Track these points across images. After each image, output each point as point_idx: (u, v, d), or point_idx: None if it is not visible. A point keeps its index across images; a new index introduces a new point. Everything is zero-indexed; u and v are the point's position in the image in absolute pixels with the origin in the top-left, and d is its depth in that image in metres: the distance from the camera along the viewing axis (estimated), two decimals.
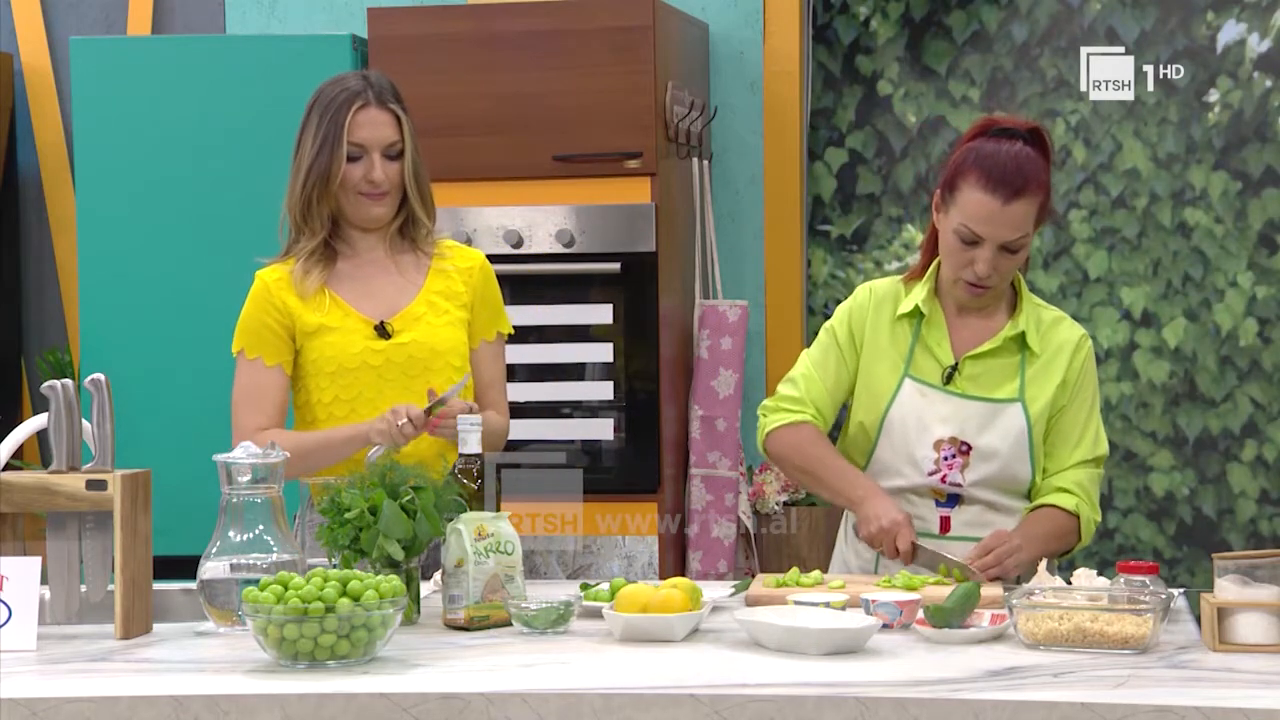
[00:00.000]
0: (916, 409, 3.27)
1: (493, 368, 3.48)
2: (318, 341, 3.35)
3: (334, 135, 3.31)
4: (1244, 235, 5.18)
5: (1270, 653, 2.59)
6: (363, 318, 3.36)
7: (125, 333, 4.80)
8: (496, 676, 2.49)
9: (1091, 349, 3.34)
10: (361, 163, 3.32)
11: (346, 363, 3.33)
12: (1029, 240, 3.20)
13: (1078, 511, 3.25)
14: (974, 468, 3.25)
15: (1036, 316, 3.32)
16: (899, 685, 2.40)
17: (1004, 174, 3.15)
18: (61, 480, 2.82)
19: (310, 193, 3.34)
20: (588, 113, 4.66)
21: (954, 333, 3.31)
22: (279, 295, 3.37)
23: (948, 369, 3.28)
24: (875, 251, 5.31)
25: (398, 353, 3.34)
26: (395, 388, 3.33)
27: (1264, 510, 5.20)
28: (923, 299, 3.31)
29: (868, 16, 5.31)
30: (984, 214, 3.16)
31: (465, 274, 3.43)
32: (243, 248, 4.77)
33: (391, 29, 4.74)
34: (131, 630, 2.79)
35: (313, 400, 3.37)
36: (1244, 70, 5.16)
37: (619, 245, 4.67)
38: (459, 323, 3.41)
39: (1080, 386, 3.30)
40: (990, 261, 3.19)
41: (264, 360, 3.36)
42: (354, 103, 3.32)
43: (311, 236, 3.37)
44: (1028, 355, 3.29)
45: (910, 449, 3.27)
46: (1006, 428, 3.25)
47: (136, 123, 4.83)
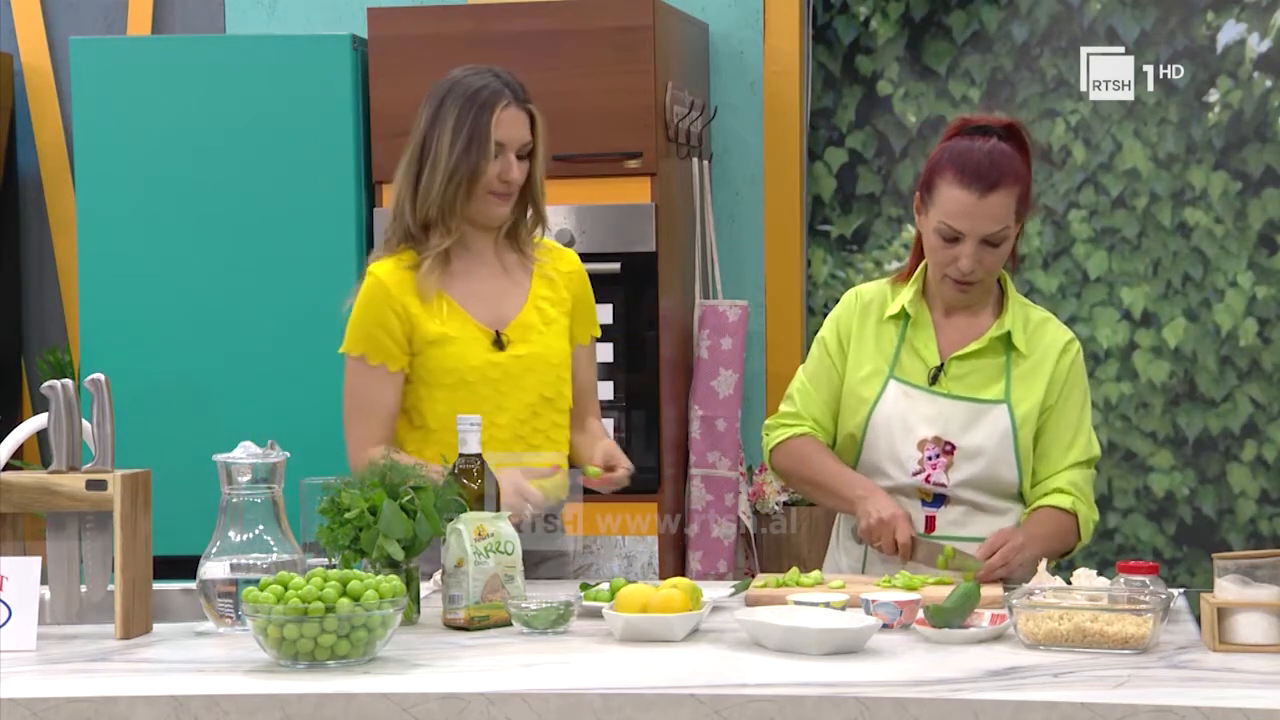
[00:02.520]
0: (901, 410, 3.27)
1: (588, 372, 3.48)
2: (438, 351, 3.30)
3: (481, 133, 3.25)
4: (1244, 235, 5.18)
5: (1270, 653, 2.59)
6: (480, 327, 3.32)
7: (125, 333, 4.80)
8: (496, 676, 2.49)
9: (1080, 352, 3.33)
10: (499, 161, 3.29)
11: (467, 375, 3.30)
12: (1010, 233, 3.21)
13: (1075, 510, 3.25)
14: (958, 468, 3.25)
15: (1024, 317, 3.32)
16: (899, 685, 2.40)
17: (978, 168, 3.16)
18: (61, 480, 2.82)
19: (455, 191, 3.27)
20: (588, 113, 4.66)
21: (941, 334, 3.32)
22: (400, 298, 3.30)
23: (933, 369, 3.28)
24: (875, 251, 5.31)
25: (515, 365, 3.32)
26: (510, 400, 3.31)
27: (1264, 510, 5.20)
28: (909, 300, 3.31)
29: (868, 16, 5.31)
30: (962, 209, 3.17)
31: (566, 278, 3.42)
32: (243, 247, 4.81)
33: (391, 29, 4.75)
34: (131, 630, 2.79)
35: (423, 408, 3.32)
36: (1244, 70, 5.16)
37: (619, 245, 4.67)
38: (564, 331, 3.40)
39: (1068, 389, 3.29)
40: (973, 256, 3.19)
41: (387, 367, 3.29)
42: (499, 101, 3.27)
43: (445, 235, 3.29)
44: (1014, 356, 3.28)
45: (895, 449, 3.27)
46: (991, 428, 3.25)
47: (136, 123, 4.83)
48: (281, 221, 4.75)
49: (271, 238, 4.76)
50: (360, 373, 3.31)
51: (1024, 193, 3.21)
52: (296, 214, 4.75)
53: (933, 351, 3.30)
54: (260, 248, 4.76)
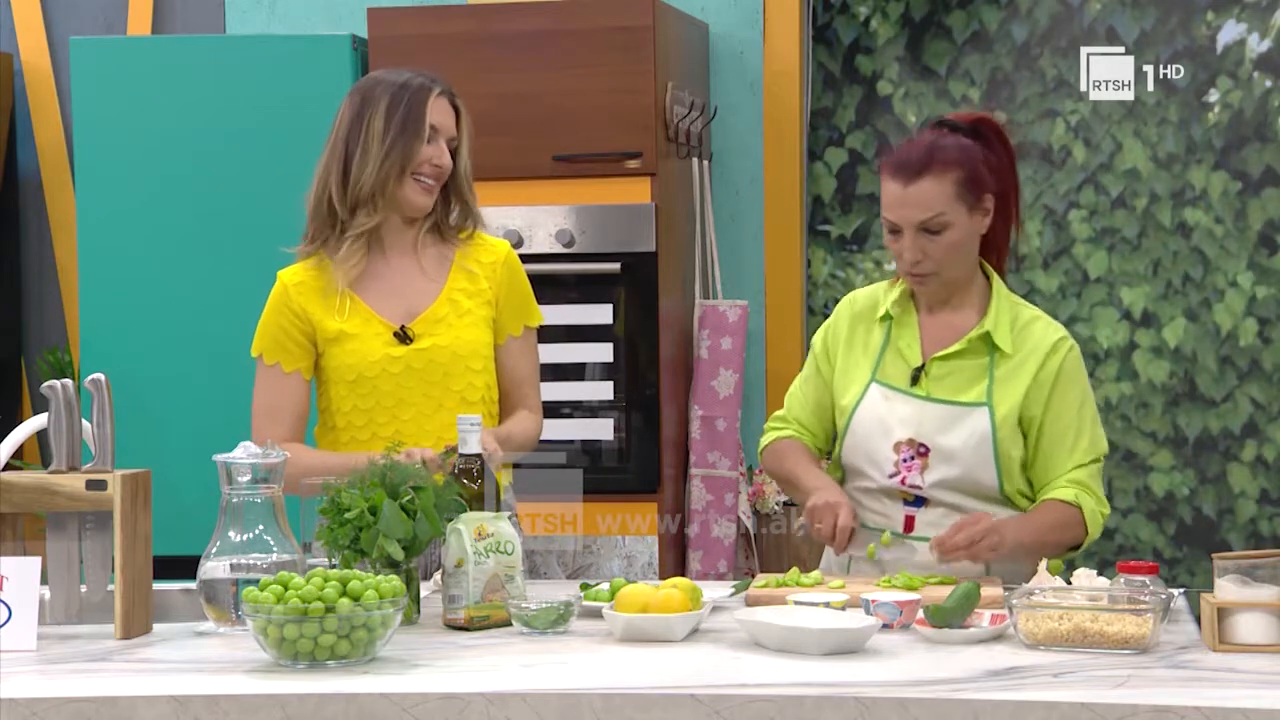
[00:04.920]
0: (879, 412, 3.27)
1: (521, 363, 3.45)
2: (337, 349, 3.34)
3: (416, 115, 3.31)
4: (1244, 235, 5.18)
5: (1270, 653, 2.59)
6: (384, 322, 3.34)
7: (125, 333, 4.81)
8: (496, 676, 2.49)
9: (1073, 351, 3.28)
10: (431, 145, 3.34)
11: (366, 371, 3.32)
12: (951, 220, 3.18)
13: (1078, 502, 3.22)
14: (934, 469, 3.23)
15: (1013, 315, 3.28)
16: (899, 685, 2.40)
17: (907, 159, 3.19)
18: (61, 480, 2.82)
19: (389, 172, 3.31)
20: (588, 113, 4.66)
21: (925, 333, 3.31)
22: (298, 300, 3.36)
23: (915, 370, 3.28)
24: (875, 251, 5.31)
25: (418, 359, 3.33)
26: (415, 395, 3.32)
27: (1264, 510, 5.20)
28: (894, 301, 3.32)
29: (868, 16, 5.31)
30: (892, 199, 3.20)
31: (489, 269, 3.42)
32: (243, 247, 4.81)
33: (391, 29, 4.75)
34: (131, 630, 2.79)
35: (333, 408, 3.36)
36: (1244, 70, 5.16)
37: (619, 245, 4.67)
38: (482, 322, 3.39)
39: (1061, 389, 3.25)
40: (914, 246, 3.19)
41: (282, 366, 3.36)
42: (431, 89, 3.34)
43: (370, 214, 3.34)
44: (998, 356, 3.26)
45: (872, 451, 3.26)
46: (970, 430, 3.22)
47: (136, 123, 4.83)
48: (281, 222, 4.74)
49: (271, 238, 4.73)
50: (260, 373, 3.39)
51: (967, 178, 3.18)
52: (296, 214, 4.74)
53: (915, 352, 3.29)
54: (260, 248, 4.73)
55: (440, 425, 3.32)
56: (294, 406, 3.36)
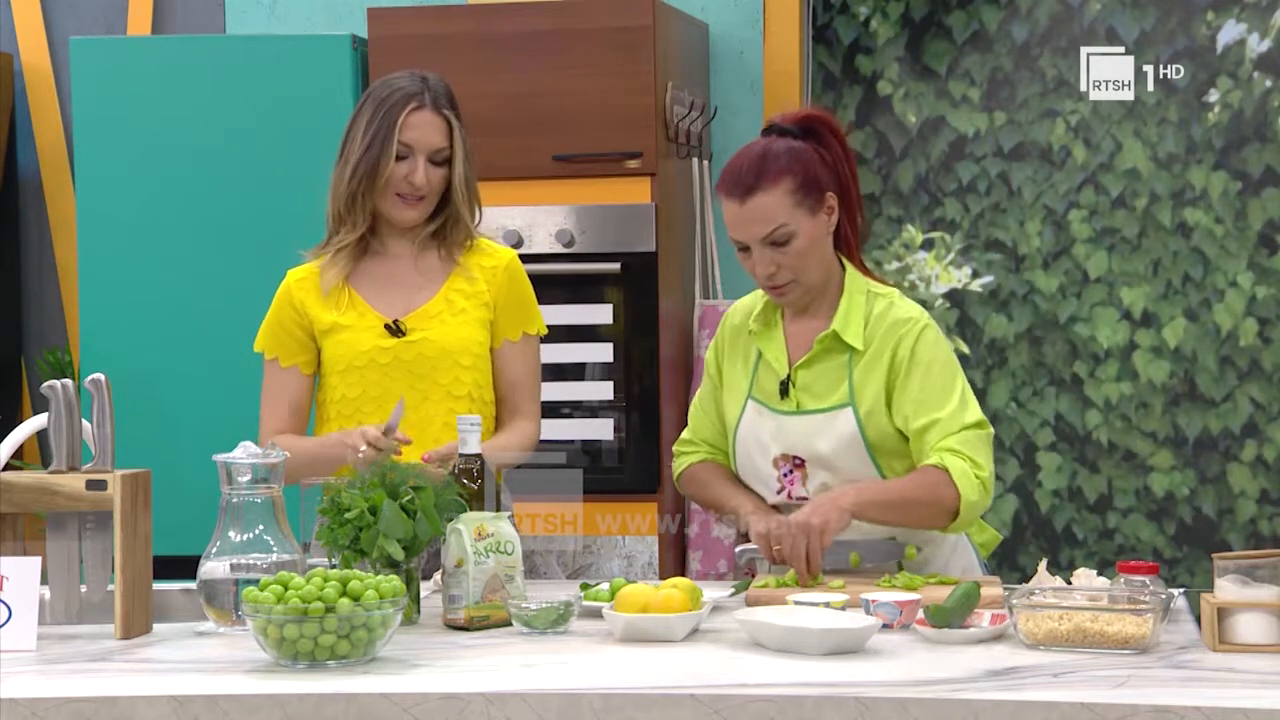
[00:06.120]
0: (754, 429, 3.24)
1: (518, 367, 3.44)
2: (331, 340, 3.38)
3: (385, 132, 3.31)
4: (1244, 235, 5.18)
5: (1270, 653, 2.59)
6: (378, 315, 3.37)
7: (125, 333, 4.80)
8: (496, 676, 2.49)
9: (925, 329, 3.17)
10: (406, 163, 3.32)
11: (355, 361, 3.35)
12: (794, 229, 3.12)
13: (943, 464, 3.10)
14: (814, 477, 3.19)
15: (865, 312, 3.20)
16: (899, 685, 2.40)
17: (736, 176, 3.14)
18: (61, 480, 2.82)
19: (356, 187, 3.33)
20: (588, 113, 4.66)
21: (790, 342, 3.26)
22: (298, 296, 3.41)
23: (782, 382, 3.24)
24: (875, 251, 5.31)
25: (406, 351, 3.35)
26: (401, 386, 3.33)
27: (1264, 510, 5.20)
28: (755, 314, 3.28)
29: (868, 16, 5.31)
30: (731, 220, 3.15)
31: (489, 272, 3.42)
32: (243, 247, 4.81)
33: (391, 29, 4.75)
34: (131, 630, 2.79)
35: (327, 399, 3.41)
36: (1244, 70, 5.16)
37: (619, 245, 4.67)
38: (477, 322, 3.39)
39: (915, 369, 3.16)
40: (765, 260, 3.15)
41: (280, 361, 3.41)
42: (409, 103, 3.32)
43: (351, 230, 3.37)
44: (854, 354, 3.20)
45: (756, 469, 3.25)
46: (838, 435, 3.17)
47: (136, 123, 4.83)
48: (281, 222, 4.75)
49: (271, 238, 4.75)
50: (265, 366, 3.44)
51: (803, 183, 3.12)
52: (296, 214, 4.74)
53: (783, 363, 3.24)
54: (260, 248, 4.75)
55: (425, 418, 3.33)
56: (290, 399, 3.41)
